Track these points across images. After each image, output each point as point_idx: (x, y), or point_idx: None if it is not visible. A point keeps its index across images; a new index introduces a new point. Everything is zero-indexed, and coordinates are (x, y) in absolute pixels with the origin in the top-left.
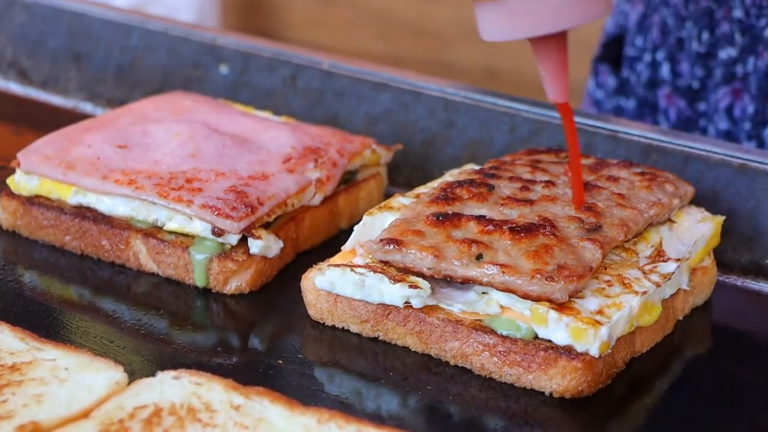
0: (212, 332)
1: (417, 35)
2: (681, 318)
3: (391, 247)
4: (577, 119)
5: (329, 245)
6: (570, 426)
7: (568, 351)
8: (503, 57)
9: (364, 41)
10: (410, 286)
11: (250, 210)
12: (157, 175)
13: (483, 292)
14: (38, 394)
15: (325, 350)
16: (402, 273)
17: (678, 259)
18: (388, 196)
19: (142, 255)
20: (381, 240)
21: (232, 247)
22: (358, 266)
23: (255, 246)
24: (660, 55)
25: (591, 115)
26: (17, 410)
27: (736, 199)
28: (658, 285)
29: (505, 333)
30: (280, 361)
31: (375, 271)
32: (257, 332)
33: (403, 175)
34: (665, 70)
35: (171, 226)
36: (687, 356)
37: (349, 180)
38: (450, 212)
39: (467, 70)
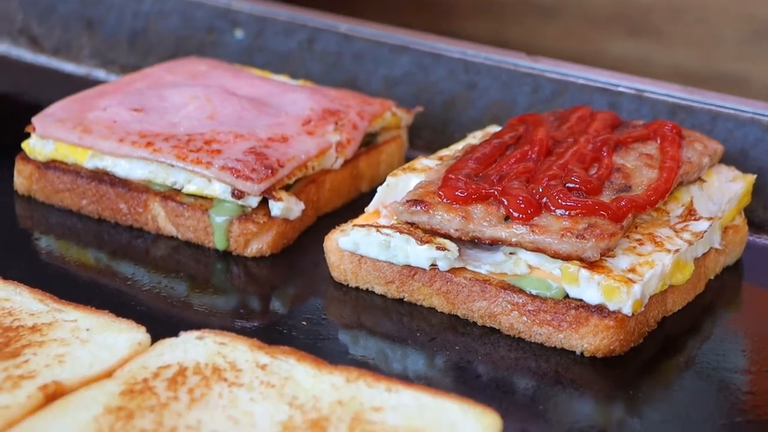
0: (233, 295)
1: (423, 7)
2: (712, 277)
3: (418, 208)
4: (600, 78)
5: (350, 208)
6: (601, 385)
7: (600, 310)
8: (512, 28)
9: (369, 15)
10: (437, 248)
11: (270, 172)
12: (174, 137)
13: (511, 253)
14: (60, 355)
15: (349, 312)
16: (428, 234)
17: (710, 218)
18: (408, 159)
19: (161, 218)
20: (407, 201)
21: (253, 209)
22: (384, 227)
23: (276, 208)
24: None
25: (615, 74)
26: (39, 370)
27: (766, 157)
28: (690, 243)
29: (534, 292)
30: (304, 323)
31: (401, 232)
32: (279, 295)
33: (424, 138)
34: None
35: (190, 188)
36: (718, 316)
37: (369, 143)
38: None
39: (476, 42)
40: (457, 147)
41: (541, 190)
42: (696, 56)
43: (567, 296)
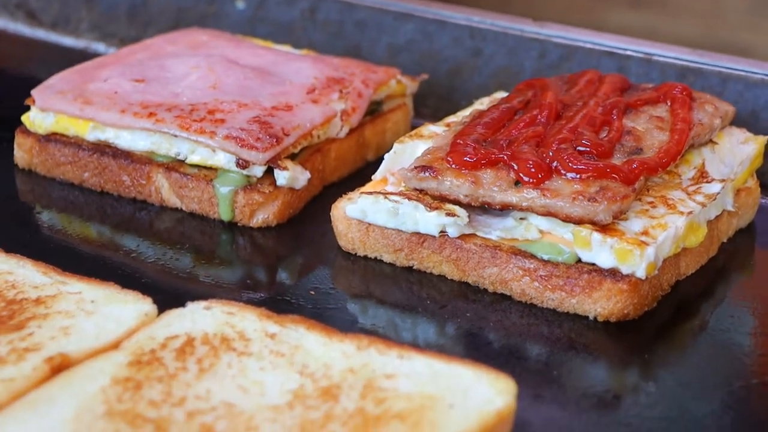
0: (239, 266)
1: None
2: (725, 240)
3: (427, 174)
4: (608, 42)
5: (356, 177)
6: (615, 350)
7: (613, 273)
8: (515, 0)
9: None
10: (447, 214)
11: (275, 140)
12: (177, 107)
13: (521, 218)
14: (65, 327)
15: (358, 281)
16: (437, 201)
17: (722, 180)
18: (414, 127)
19: (165, 190)
20: (416, 167)
21: (258, 179)
22: (393, 194)
23: (281, 177)
24: None
25: (623, 38)
26: (44, 342)
27: None
28: (703, 205)
29: (546, 257)
30: (312, 293)
31: (410, 199)
32: (286, 265)
33: (429, 105)
34: None
35: (193, 159)
36: (731, 279)
37: (374, 111)
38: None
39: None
40: (464, 113)
41: (551, 154)
42: (699, 26)
43: (579, 261)
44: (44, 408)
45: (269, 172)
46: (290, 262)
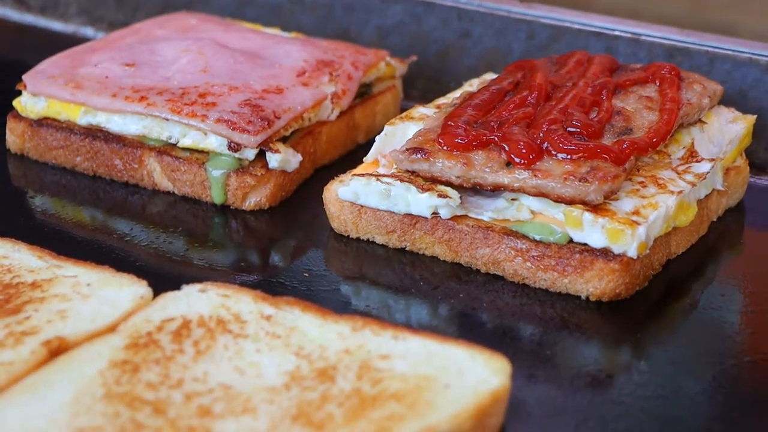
0: (233, 249)
1: None
2: (715, 219)
3: (419, 156)
4: (596, 22)
5: (347, 160)
6: (608, 329)
7: (605, 253)
8: None
9: None
10: (439, 196)
11: (266, 123)
12: (168, 91)
13: (513, 199)
14: (62, 310)
15: (351, 263)
16: (429, 182)
17: (711, 159)
18: (404, 109)
19: (157, 173)
20: (408, 149)
21: (250, 162)
22: (385, 176)
23: (273, 160)
24: None
25: (611, 18)
26: (41, 326)
27: (765, 98)
28: (693, 185)
29: (538, 238)
30: (306, 275)
31: (402, 181)
32: (279, 248)
33: (418, 87)
34: None
35: (185, 142)
36: (722, 257)
37: (364, 93)
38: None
39: None
40: (455, 95)
41: (542, 135)
42: (683, 6)
43: (571, 241)
44: (43, 391)
45: (261, 155)
46: (283, 245)
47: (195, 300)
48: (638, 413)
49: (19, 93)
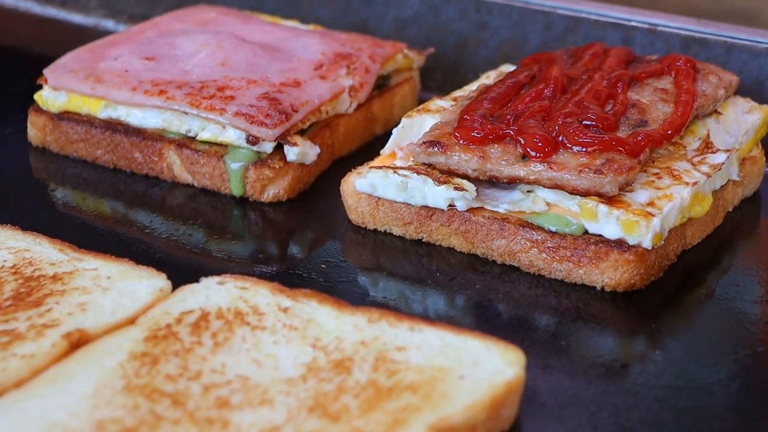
0: (251, 241)
1: None
2: (730, 210)
3: (436, 149)
4: (613, 13)
5: (365, 151)
6: (623, 320)
7: (620, 244)
8: None
9: None
10: (455, 188)
11: (284, 117)
12: (187, 84)
13: (528, 191)
14: (82, 303)
15: (368, 254)
16: (446, 175)
17: (727, 150)
18: (421, 101)
19: (176, 166)
20: (425, 142)
21: (268, 154)
22: (401, 168)
23: (291, 153)
24: None
25: (628, 9)
26: (62, 319)
27: None
28: (708, 176)
29: (553, 229)
30: (323, 266)
31: (419, 173)
32: (297, 239)
33: (436, 79)
34: None
35: (204, 135)
36: (737, 248)
37: (382, 86)
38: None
39: None
40: (471, 87)
41: (557, 128)
42: None
43: (586, 232)
44: (64, 383)
45: (279, 147)
46: (301, 237)
47: (213, 292)
48: (653, 403)
49: (41, 87)
